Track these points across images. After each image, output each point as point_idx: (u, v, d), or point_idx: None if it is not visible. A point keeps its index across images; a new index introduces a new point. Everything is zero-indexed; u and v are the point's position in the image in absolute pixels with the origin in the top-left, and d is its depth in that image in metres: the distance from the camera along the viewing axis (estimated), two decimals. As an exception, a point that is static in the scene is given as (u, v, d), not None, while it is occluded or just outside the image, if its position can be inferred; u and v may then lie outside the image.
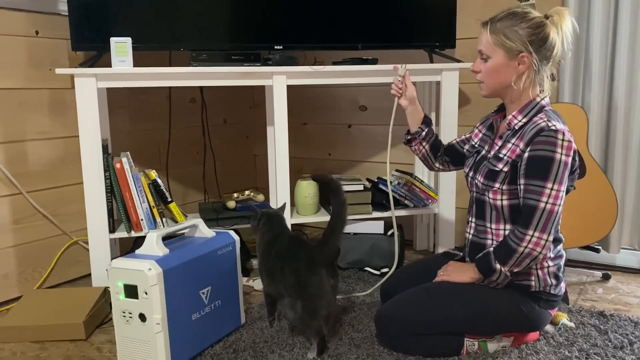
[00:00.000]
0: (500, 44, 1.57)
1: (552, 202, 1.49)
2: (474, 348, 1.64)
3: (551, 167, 1.49)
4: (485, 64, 1.62)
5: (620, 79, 2.23)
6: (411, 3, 2.40)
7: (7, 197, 2.12)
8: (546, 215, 1.49)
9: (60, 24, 2.22)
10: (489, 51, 1.60)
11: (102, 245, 2.09)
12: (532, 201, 1.50)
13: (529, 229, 1.50)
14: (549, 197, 1.49)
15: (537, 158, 1.51)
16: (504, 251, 1.54)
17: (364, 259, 2.39)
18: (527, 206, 1.51)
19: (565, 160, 1.50)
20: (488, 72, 1.62)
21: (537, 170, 1.51)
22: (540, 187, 1.50)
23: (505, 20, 1.57)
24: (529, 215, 1.50)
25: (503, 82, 1.61)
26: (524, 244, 1.50)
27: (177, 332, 1.56)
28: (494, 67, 1.60)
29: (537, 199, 1.50)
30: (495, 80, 1.62)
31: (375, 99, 2.88)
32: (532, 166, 1.52)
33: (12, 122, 2.13)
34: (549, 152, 1.50)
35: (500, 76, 1.60)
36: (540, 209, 1.49)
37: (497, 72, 1.60)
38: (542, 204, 1.49)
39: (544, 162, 1.50)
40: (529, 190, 1.52)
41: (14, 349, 1.77)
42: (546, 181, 1.49)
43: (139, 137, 2.63)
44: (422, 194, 2.45)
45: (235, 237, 1.82)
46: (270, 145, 2.52)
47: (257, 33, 2.29)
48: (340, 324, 1.85)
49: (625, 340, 1.70)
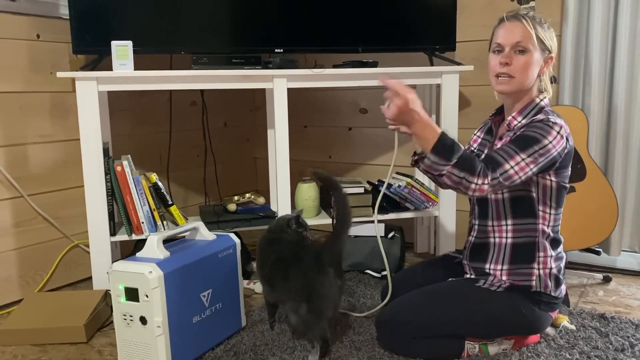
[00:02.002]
0: (540, 39, 1.54)
1: (517, 170, 1.46)
2: (475, 351, 1.64)
3: (533, 144, 1.48)
4: (520, 56, 1.55)
5: (620, 81, 2.23)
6: (411, 6, 2.40)
7: (8, 200, 2.13)
8: (505, 176, 1.46)
9: (61, 27, 2.23)
10: (528, 44, 1.53)
11: (103, 248, 2.09)
12: (500, 158, 1.47)
13: (491, 174, 1.45)
14: (516, 164, 1.46)
15: (524, 135, 1.51)
16: (466, 165, 1.44)
17: (364, 261, 2.39)
18: (494, 159, 1.47)
19: (549, 147, 1.48)
20: (523, 66, 1.54)
21: (519, 142, 1.49)
22: (514, 152, 1.48)
23: (533, 18, 1.56)
24: (493, 167, 1.46)
25: (531, 79, 1.57)
26: (478, 181, 1.43)
27: (178, 335, 1.57)
28: (531, 62, 1.54)
29: (506, 159, 1.47)
30: (526, 76, 1.56)
31: (376, 101, 2.88)
32: (516, 139, 1.51)
33: (13, 125, 2.13)
34: (538, 134, 1.49)
35: (532, 72, 1.56)
36: (504, 168, 1.46)
37: (531, 67, 1.55)
38: (507, 165, 1.46)
39: (529, 139, 1.49)
40: (503, 149, 1.49)
41: (15, 352, 1.77)
42: (522, 152, 1.47)
43: (140, 140, 2.64)
44: (423, 196, 2.45)
45: (236, 239, 1.82)
46: (271, 148, 2.53)
47: (257, 36, 2.30)
48: (341, 327, 1.85)
49: (626, 342, 1.70)
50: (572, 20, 2.28)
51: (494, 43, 1.60)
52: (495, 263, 1.64)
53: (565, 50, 2.31)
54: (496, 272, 1.64)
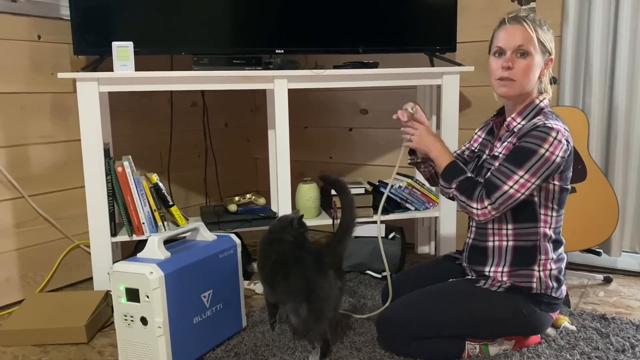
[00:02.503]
0: (542, 42, 1.54)
1: (517, 188, 1.50)
2: (476, 351, 1.63)
3: (530, 157, 1.49)
4: (521, 60, 1.54)
5: (621, 81, 2.23)
6: (412, 6, 2.40)
7: (9, 200, 2.13)
8: (505, 197, 1.50)
9: (62, 28, 2.23)
10: (530, 47, 1.53)
11: (103, 249, 2.09)
12: (498, 181, 1.51)
13: (488, 200, 1.51)
14: (515, 183, 1.49)
15: (521, 148, 1.52)
16: (468, 187, 1.55)
17: (365, 262, 2.39)
18: (492, 183, 1.52)
19: (548, 156, 1.49)
20: (525, 69, 1.54)
21: (515, 158, 1.51)
22: (511, 171, 1.50)
23: (534, 21, 1.56)
24: (491, 191, 1.51)
25: (532, 83, 1.57)
26: (477, 206, 1.52)
27: (179, 335, 1.57)
28: (532, 65, 1.54)
29: (504, 181, 1.50)
30: (528, 80, 1.55)
31: (376, 102, 2.89)
32: (512, 154, 1.53)
33: (14, 126, 2.13)
34: (535, 145, 1.49)
35: (534, 75, 1.56)
36: (503, 190, 1.50)
37: (532, 70, 1.55)
38: (506, 187, 1.50)
39: (525, 152, 1.50)
40: (500, 170, 1.52)
41: (16, 352, 1.77)
42: (519, 169, 1.49)
43: (141, 141, 2.64)
44: (423, 197, 2.45)
45: (237, 240, 1.82)
46: (272, 149, 2.53)
47: (258, 37, 2.30)
48: (341, 327, 1.85)
49: (626, 343, 1.70)
50: (572, 21, 2.28)
51: (495, 46, 1.59)
52: (495, 266, 1.64)
53: (565, 51, 2.31)
54: (496, 274, 1.64)
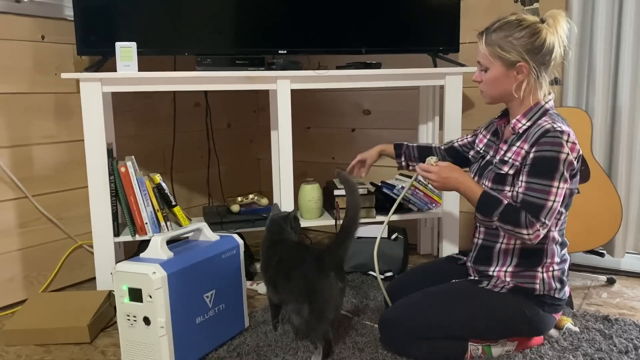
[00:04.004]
0: (496, 55, 1.58)
1: (558, 200, 1.51)
2: (478, 352, 1.63)
3: (558, 166, 1.50)
4: (484, 74, 1.63)
5: (625, 82, 2.23)
6: (415, 7, 2.40)
7: (12, 200, 2.13)
8: (552, 212, 1.51)
9: (65, 29, 2.24)
10: (486, 63, 1.61)
11: (106, 249, 2.10)
12: (538, 200, 1.50)
13: (537, 222, 1.50)
14: (555, 196, 1.50)
15: (544, 158, 1.51)
16: (512, 216, 1.53)
17: (367, 263, 2.39)
18: (534, 204, 1.51)
19: (570, 159, 1.51)
20: (488, 82, 1.63)
21: (544, 170, 1.51)
22: (547, 186, 1.50)
23: (499, 31, 1.57)
24: (537, 212, 1.50)
25: (504, 91, 1.62)
26: (529, 232, 1.51)
27: (181, 335, 1.57)
28: (493, 78, 1.61)
29: (545, 197, 1.50)
30: (495, 90, 1.63)
31: (379, 103, 2.88)
32: (537, 166, 1.52)
33: (17, 126, 2.14)
34: (555, 152, 1.50)
35: (501, 86, 1.61)
36: (548, 207, 1.50)
37: (496, 82, 1.61)
38: (550, 202, 1.50)
39: (551, 162, 1.50)
40: (534, 189, 1.52)
41: (19, 352, 1.78)
42: (553, 180, 1.50)
43: (144, 141, 2.64)
44: (426, 197, 2.45)
45: (239, 240, 1.82)
46: (274, 150, 2.53)
47: (261, 38, 2.30)
48: (344, 328, 1.85)
49: (630, 344, 1.69)
50: (576, 21, 2.27)
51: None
52: (500, 266, 1.64)
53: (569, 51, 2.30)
54: (500, 273, 1.64)
